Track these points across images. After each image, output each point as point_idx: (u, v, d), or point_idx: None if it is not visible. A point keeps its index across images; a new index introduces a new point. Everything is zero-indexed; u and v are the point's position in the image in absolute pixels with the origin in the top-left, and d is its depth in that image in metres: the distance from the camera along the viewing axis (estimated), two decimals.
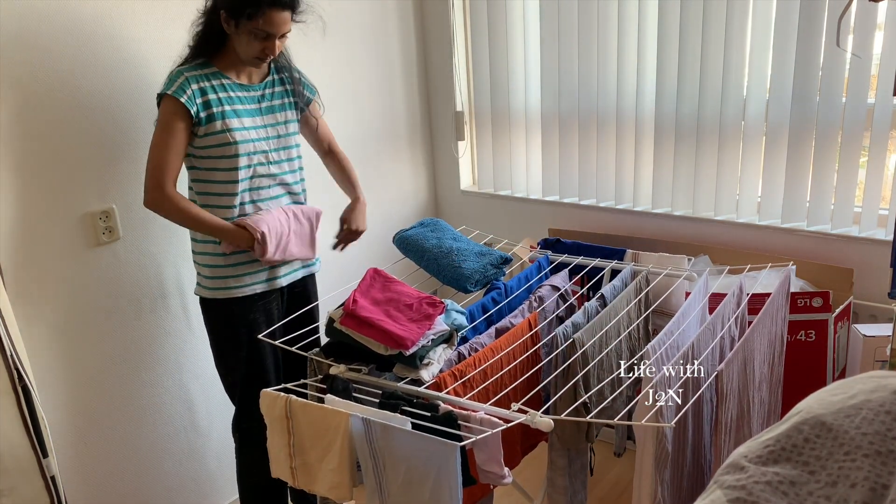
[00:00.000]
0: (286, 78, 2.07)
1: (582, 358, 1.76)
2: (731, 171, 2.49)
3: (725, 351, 1.90)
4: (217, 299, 2.00)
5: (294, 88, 2.08)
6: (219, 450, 2.52)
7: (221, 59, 1.94)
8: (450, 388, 1.66)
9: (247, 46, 1.87)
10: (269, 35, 1.85)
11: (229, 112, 1.91)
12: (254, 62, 1.92)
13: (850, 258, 2.30)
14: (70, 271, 2.05)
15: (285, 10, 1.85)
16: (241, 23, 1.83)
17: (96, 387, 2.15)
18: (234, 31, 1.86)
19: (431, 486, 1.45)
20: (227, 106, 1.91)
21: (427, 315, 1.72)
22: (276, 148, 2.01)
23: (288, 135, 2.05)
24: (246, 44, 1.87)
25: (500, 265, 2.20)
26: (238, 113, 1.93)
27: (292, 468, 1.63)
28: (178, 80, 1.86)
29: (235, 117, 1.92)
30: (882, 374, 0.81)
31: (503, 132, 3.01)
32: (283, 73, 2.06)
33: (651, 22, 2.52)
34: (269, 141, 2.00)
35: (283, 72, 2.06)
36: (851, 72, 2.18)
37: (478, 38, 2.96)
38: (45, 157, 1.96)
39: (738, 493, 0.75)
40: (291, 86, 2.07)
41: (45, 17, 1.90)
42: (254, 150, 1.95)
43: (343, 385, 1.65)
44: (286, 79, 2.06)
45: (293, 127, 2.08)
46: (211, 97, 1.89)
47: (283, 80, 2.06)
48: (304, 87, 2.11)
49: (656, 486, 1.63)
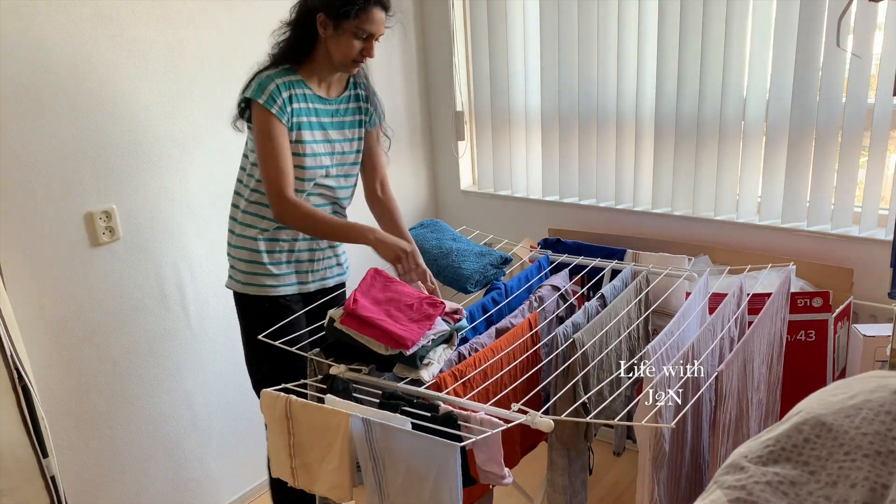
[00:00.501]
0: (362, 95, 2.05)
1: (582, 358, 1.76)
2: (731, 171, 2.49)
3: (725, 351, 1.90)
4: (249, 295, 2.00)
5: (367, 107, 2.06)
6: (219, 450, 2.52)
7: (305, 68, 1.92)
8: (450, 389, 1.66)
9: (346, 48, 1.85)
10: (370, 35, 1.85)
11: (305, 123, 1.90)
12: (350, 66, 1.90)
13: (850, 258, 2.30)
14: (70, 271, 2.05)
15: (384, 11, 1.86)
16: (342, 23, 1.82)
17: (96, 387, 2.15)
18: (332, 34, 1.85)
19: (431, 486, 1.45)
20: (304, 117, 1.90)
21: (427, 315, 1.71)
22: (337, 163, 2.00)
23: (353, 152, 2.04)
24: (345, 45, 1.85)
25: (500, 265, 2.20)
26: (312, 125, 1.92)
27: (292, 468, 1.63)
28: (269, 87, 1.83)
29: (309, 129, 1.91)
30: (882, 374, 0.81)
31: (503, 132, 3.01)
32: (360, 89, 2.05)
33: (651, 22, 2.52)
34: (334, 157, 1.99)
35: (360, 87, 2.05)
36: (851, 72, 2.18)
37: (478, 38, 2.96)
38: (45, 156, 1.96)
39: (739, 493, 0.75)
40: (366, 103, 2.05)
41: (45, 16, 1.90)
42: (317, 165, 1.94)
43: (343, 385, 1.65)
44: (362, 95, 2.05)
45: (357, 145, 2.05)
46: (296, 106, 1.88)
47: (358, 97, 2.04)
48: (377, 108, 2.09)
49: (653, 486, 1.63)
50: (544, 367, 1.93)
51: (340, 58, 1.88)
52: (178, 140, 2.26)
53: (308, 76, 1.93)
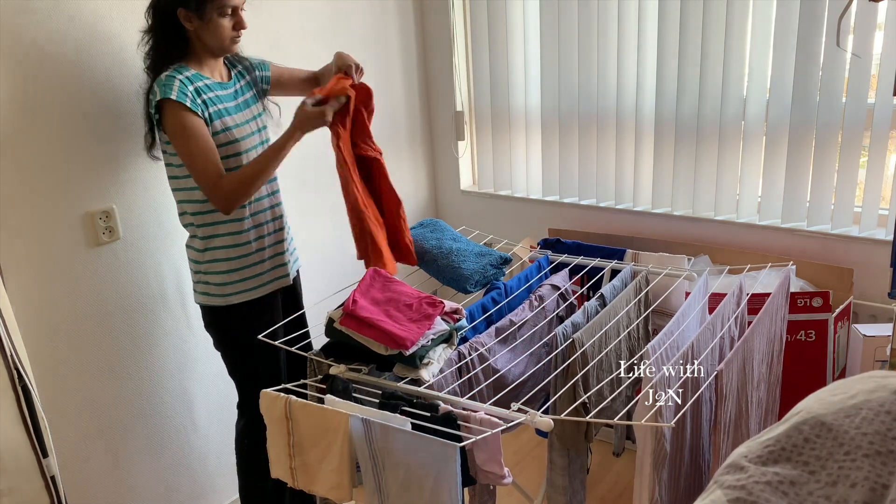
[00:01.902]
0: (242, 70, 2.04)
1: (581, 358, 1.76)
2: (731, 171, 2.49)
3: (725, 351, 1.90)
4: (232, 305, 1.99)
5: (252, 77, 2.05)
6: (219, 450, 2.52)
7: (192, 63, 1.90)
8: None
9: (219, 31, 1.84)
10: (234, 9, 1.84)
11: (222, 111, 1.90)
12: (229, 46, 1.88)
13: (850, 258, 2.30)
14: (70, 271, 2.04)
15: None
16: (204, 10, 1.80)
17: (96, 386, 2.15)
18: (199, 24, 1.83)
19: (431, 486, 1.45)
20: (217, 105, 1.89)
21: (427, 315, 1.71)
22: (261, 141, 2.01)
23: (264, 128, 2.05)
24: (217, 28, 1.83)
25: (500, 265, 2.20)
26: (228, 111, 1.92)
27: (292, 469, 1.63)
28: (174, 84, 1.80)
29: (228, 115, 1.91)
30: (882, 374, 0.81)
31: (503, 132, 3.01)
32: (238, 66, 2.04)
33: (651, 22, 2.52)
34: (255, 135, 1.99)
35: (237, 65, 2.04)
36: (851, 72, 2.18)
37: (478, 38, 2.96)
38: (45, 156, 1.96)
39: (738, 493, 0.75)
40: (250, 75, 2.05)
41: (46, 16, 1.90)
42: (251, 146, 1.95)
43: (343, 385, 1.65)
44: (243, 71, 2.04)
45: (265, 118, 2.07)
46: (205, 97, 1.87)
47: (241, 73, 2.04)
48: (257, 69, 2.08)
49: (654, 486, 1.63)
50: (543, 367, 1.93)
51: (217, 42, 1.86)
52: None
53: (198, 69, 1.90)
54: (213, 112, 1.87)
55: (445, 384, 1.71)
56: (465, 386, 1.78)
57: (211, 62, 1.94)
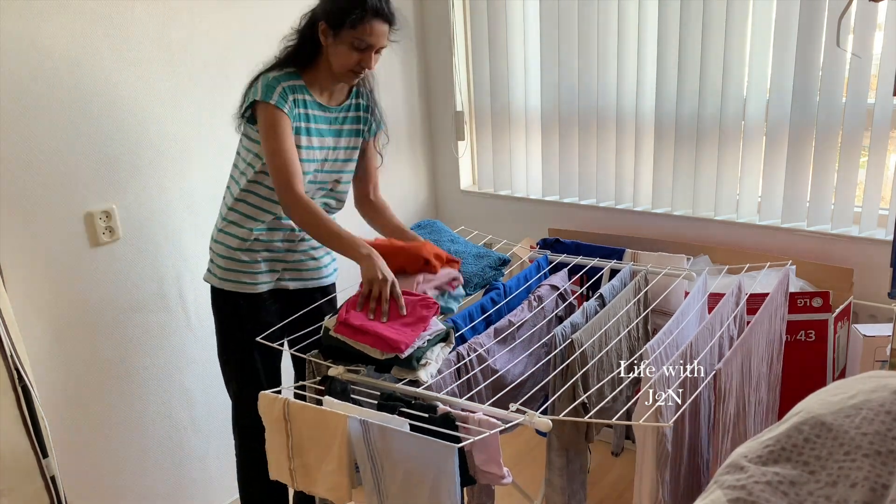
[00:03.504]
0: (363, 105, 2.05)
1: (581, 358, 1.76)
2: (731, 170, 2.49)
3: (724, 350, 1.90)
4: (225, 290, 2.01)
5: (367, 116, 2.06)
6: (219, 450, 2.52)
7: (309, 75, 1.92)
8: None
9: (344, 58, 1.85)
10: (368, 46, 1.85)
11: (303, 129, 1.91)
12: (348, 76, 1.89)
13: (850, 258, 2.30)
14: (70, 271, 2.04)
15: (386, 23, 1.86)
16: (341, 33, 1.82)
17: (96, 387, 2.15)
18: (331, 43, 1.85)
19: (430, 487, 1.45)
20: (303, 123, 1.91)
21: (421, 317, 1.71)
22: (328, 170, 2.00)
23: (347, 160, 2.04)
24: (344, 55, 1.85)
25: (499, 267, 2.19)
26: (310, 132, 1.93)
27: (291, 470, 1.63)
28: (277, 89, 1.83)
29: (307, 136, 1.92)
30: (882, 374, 0.81)
31: (503, 132, 3.01)
32: (362, 99, 2.05)
33: (651, 22, 2.52)
34: (325, 163, 1.99)
35: (362, 97, 2.05)
36: (851, 72, 2.18)
37: (478, 38, 2.96)
38: (45, 156, 1.96)
39: (738, 493, 0.75)
40: (366, 113, 2.05)
41: (45, 16, 1.90)
42: (309, 171, 1.94)
43: (341, 387, 1.65)
44: (363, 105, 2.05)
45: (352, 154, 2.06)
46: (298, 111, 1.89)
47: (359, 107, 2.04)
48: (373, 123, 2.09)
49: (657, 487, 1.63)
50: (543, 367, 1.93)
51: (338, 67, 1.88)
52: (178, 140, 2.26)
53: (310, 83, 1.93)
54: (296, 126, 1.88)
55: (444, 385, 1.71)
56: (464, 386, 1.78)
57: (327, 83, 1.95)
